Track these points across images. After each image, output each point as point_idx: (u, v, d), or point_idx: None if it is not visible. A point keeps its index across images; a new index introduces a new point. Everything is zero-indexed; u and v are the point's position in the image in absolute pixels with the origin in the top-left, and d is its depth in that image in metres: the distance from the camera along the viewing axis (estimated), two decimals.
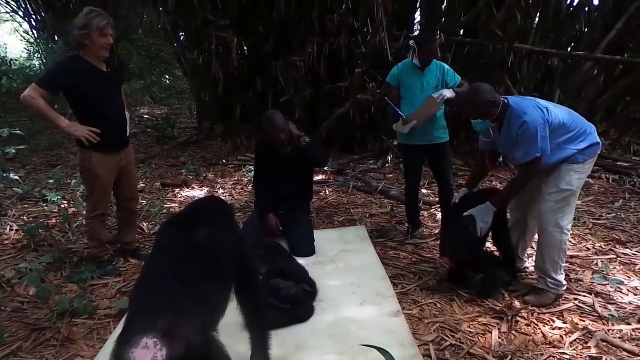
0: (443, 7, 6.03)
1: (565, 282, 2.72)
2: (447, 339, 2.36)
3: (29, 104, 2.69)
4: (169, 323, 1.31)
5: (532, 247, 3.23)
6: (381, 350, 1.74)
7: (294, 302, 2.47)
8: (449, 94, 3.27)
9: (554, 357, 2.23)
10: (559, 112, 2.57)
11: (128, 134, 3.10)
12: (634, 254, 3.33)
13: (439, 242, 3.04)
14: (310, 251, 3.33)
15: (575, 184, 2.58)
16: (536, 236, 3.05)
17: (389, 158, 5.97)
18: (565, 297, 2.74)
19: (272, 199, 3.50)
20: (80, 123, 2.83)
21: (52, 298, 2.78)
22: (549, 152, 2.49)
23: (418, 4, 6.48)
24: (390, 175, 5.52)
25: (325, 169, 5.46)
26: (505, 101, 2.56)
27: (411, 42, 3.51)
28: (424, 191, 4.70)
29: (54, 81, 2.77)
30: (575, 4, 6.30)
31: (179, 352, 1.26)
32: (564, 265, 2.73)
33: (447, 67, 3.41)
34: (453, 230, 2.74)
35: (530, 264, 3.12)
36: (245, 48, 6.38)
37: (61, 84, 2.77)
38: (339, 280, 2.88)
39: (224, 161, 6.19)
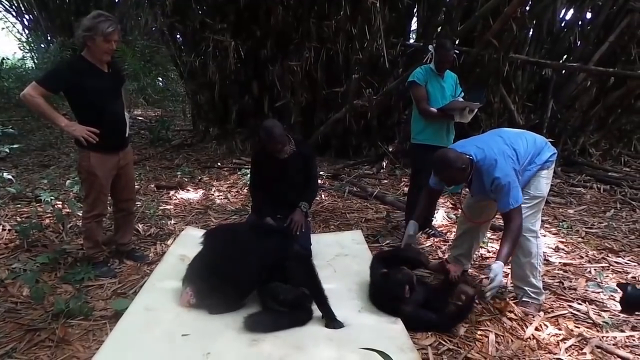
0: (440, 16, 6.09)
1: (543, 290, 2.76)
2: (444, 343, 2.37)
3: (28, 102, 2.68)
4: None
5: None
6: (382, 354, 1.74)
7: (293, 305, 2.47)
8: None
9: None
10: (521, 142, 2.64)
11: (127, 135, 3.09)
12: (626, 263, 3.39)
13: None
14: None
15: (544, 189, 2.71)
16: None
17: (384, 164, 6.01)
18: (560, 304, 2.78)
19: (269, 203, 3.49)
20: (79, 122, 2.82)
21: (47, 298, 2.75)
22: (522, 200, 2.54)
23: (415, 12, 6.55)
24: (386, 181, 5.55)
25: (321, 173, 5.47)
26: (471, 157, 2.55)
27: (430, 46, 3.61)
28: None
29: (55, 80, 2.75)
30: (568, 17, 6.41)
31: None
32: (542, 270, 2.78)
33: (456, 77, 3.59)
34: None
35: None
36: (242, 52, 6.38)
37: (61, 83, 2.75)
38: (336, 284, 2.88)
39: (219, 164, 6.17)
